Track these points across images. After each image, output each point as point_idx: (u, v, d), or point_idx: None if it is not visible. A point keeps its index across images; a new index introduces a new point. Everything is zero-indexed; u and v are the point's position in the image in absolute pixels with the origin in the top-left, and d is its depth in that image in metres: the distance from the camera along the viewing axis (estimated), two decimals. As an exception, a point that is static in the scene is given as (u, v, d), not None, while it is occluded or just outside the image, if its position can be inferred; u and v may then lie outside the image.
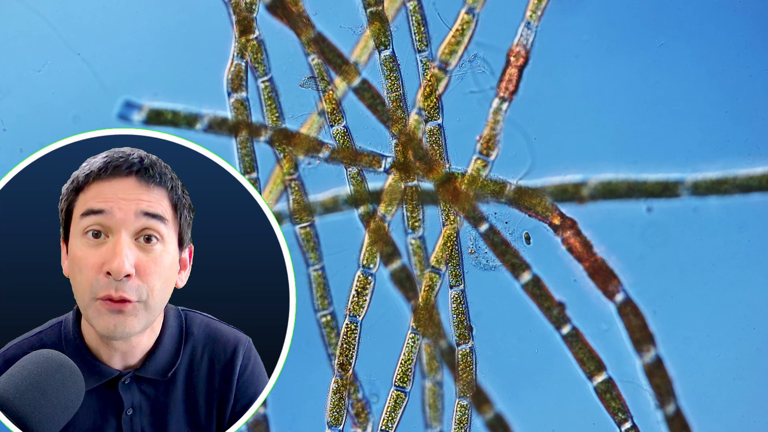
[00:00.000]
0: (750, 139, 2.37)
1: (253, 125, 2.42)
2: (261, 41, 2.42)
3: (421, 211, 2.40)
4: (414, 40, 2.41)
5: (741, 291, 2.35)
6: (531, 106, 2.40)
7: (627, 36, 2.40)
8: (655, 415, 2.36)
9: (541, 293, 2.36)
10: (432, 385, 2.40)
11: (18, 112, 2.39)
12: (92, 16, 2.41)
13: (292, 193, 2.40)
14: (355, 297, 2.39)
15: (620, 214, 2.37)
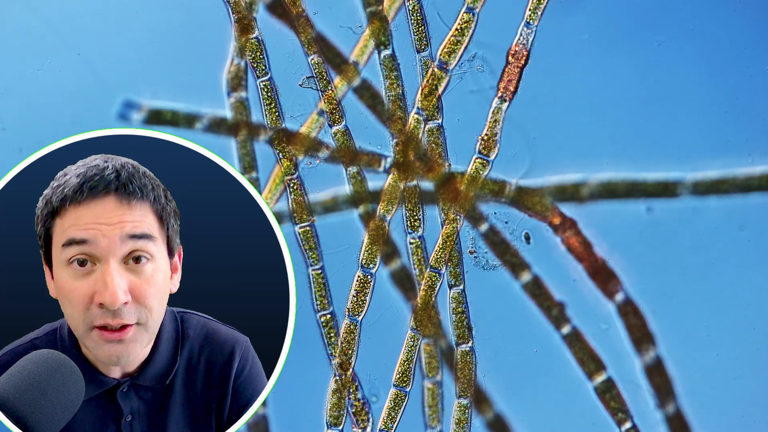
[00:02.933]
0: (750, 138, 2.37)
1: (252, 125, 2.41)
2: (260, 41, 2.41)
3: (421, 210, 2.40)
4: (413, 40, 2.41)
5: (741, 291, 2.36)
6: (530, 106, 2.40)
7: (626, 35, 2.40)
8: (655, 415, 2.36)
9: (541, 293, 2.36)
10: (432, 384, 2.40)
11: (17, 111, 2.39)
12: (92, 16, 2.41)
13: (291, 193, 2.40)
14: (354, 297, 2.39)
15: (620, 214, 2.37)
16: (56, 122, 2.36)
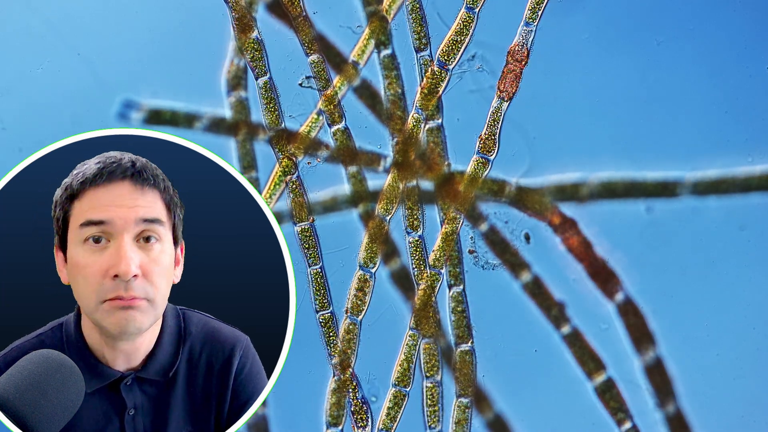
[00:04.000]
0: (749, 138, 2.37)
1: (252, 124, 2.41)
2: (260, 40, 2.41)
3: (420, 210, 2.40)
4: (413, 40, 2.41)
5: (741, 291, 2.36)
6: (530, 106, 2.40)
7: (626, 35, 2.40)
8: (655, 415, 2.36)
9: (540, 293, 2.37)
10: (432, 384, 2.40)
11: (17, 111, 2.39)
12: (91, 16, 2.41)
13: (292, 193, 2.40)
14: (354, 296, 2.39)
15: (620, 214, 2.37)
16: (56, 122, 2.37)
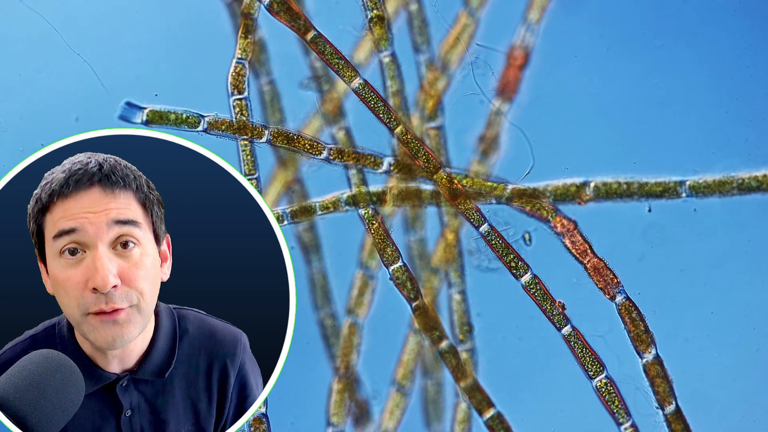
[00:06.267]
0: (750, 139, 2.37)
1: (254, 126, 2.42)
2: (263, 42, 2.42)
3: (420, 210, 2.40)
4: (414, 41, 2.42)
5: (741, 291, 2.35)
6: (531, 107, 2.40)
7: (627, 37, 2.40)
8: (655, 415, 2.36)
9: (541, 293, 2.36)
10: (433, 384, 2.40)
11: (19, 112, 2.40)
12: (93, 17, 2.42)
13: (292, 193, 2.41)
14: (355, 296, 2.40)
15: (620, 214, 2.37)
16: (56, 123, 2.37)
